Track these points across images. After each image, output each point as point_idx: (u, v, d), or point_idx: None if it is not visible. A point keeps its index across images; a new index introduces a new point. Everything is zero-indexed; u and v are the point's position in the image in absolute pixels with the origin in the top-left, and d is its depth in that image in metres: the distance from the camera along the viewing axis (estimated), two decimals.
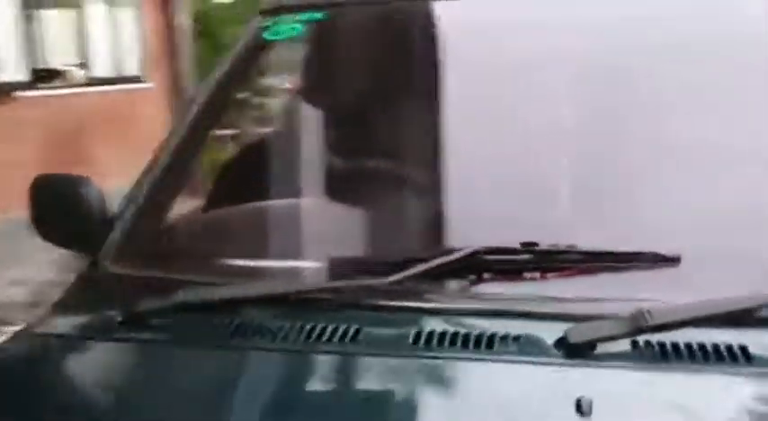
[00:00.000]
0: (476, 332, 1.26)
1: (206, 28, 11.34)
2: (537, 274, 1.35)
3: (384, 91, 1.80)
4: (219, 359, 1.32)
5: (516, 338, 1.24)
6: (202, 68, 10.85)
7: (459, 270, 1.35)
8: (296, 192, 1.65)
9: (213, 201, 1.92)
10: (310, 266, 1.48)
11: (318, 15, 1.99)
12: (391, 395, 1.20)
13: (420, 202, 1.54)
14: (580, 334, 1.20)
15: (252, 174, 1.75)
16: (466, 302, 1.34)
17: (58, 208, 1.74)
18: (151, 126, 8.83)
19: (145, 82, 8.73)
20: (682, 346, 1.20)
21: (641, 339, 1.21)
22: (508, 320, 1.29)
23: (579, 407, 1.09)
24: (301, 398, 1.23)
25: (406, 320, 1.31)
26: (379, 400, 1.20)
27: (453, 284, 1.36)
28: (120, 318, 1.40)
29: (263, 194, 1.68)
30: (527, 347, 1.23)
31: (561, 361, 1.20)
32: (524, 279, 1.36)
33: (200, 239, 1.65)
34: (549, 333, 1.24)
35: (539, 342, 1.24)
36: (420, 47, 1.87)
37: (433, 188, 1.54)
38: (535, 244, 1.35)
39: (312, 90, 1.95)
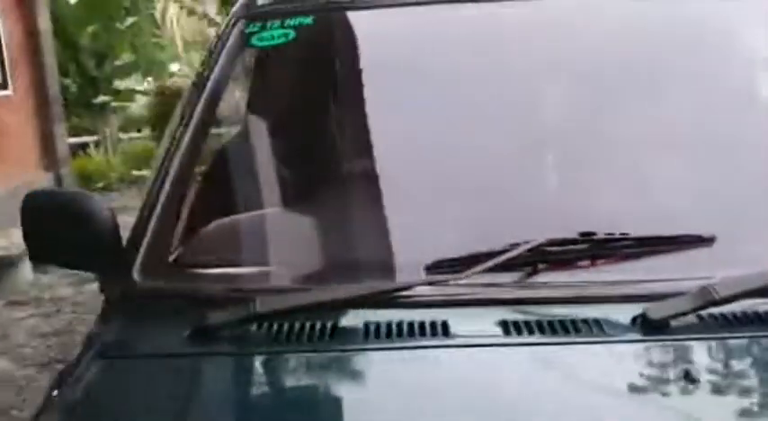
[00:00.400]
0: (558, 319, 1.35)
1: (62, 29, 10.83)
2: (597, 261, 1.46)
3: (395, 90, 1.83)
4: (314, 363, 1.34)
5: (596, 321, 1.33)
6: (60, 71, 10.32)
7: (525, 262, 1.44)
8: (340, 194, 1.66)
9: (221, 205, 1.86)
10: (374, 267, 1.51)
11: (308, 20, 2.00)
12: (497, 384, 1.26)
13: (468, 200, 1.61)
14: (658, 311, 1.31)
15: (283, 174, 1.74)
16: (539, 292, 1.42)
17: (62, 227, 1.67)
18: (15, 134, 8.37)
19: (6, 89, 8.25)
20: (741, 316, 1.34)
21: (705, 313, 1.34)
22: (581, 306, 1.38)
23: (688, 376, 1.20)
24: (403, 395, 1.27)
25: (489, 312, 1.38)
26: (486, 390, 1.26)
27: (523, 276, 1.44)
28: (186, 333, 1.39)
29: (306, 196, 1.68)
30: (609, 328, 1.33)
31: (643, 337, 1.31)
32: (585, 266, 1.46)
33: (247, 247, 1.64)
34: (621, 313, 1.35)
35: (617, 322, 1.34)
36: (416, 51, 1.91)
37: (477, 185, 1.62)
38: (593, 233, 1.46)
39: (316, 90, 1.94)
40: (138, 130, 12.31)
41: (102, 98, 11.63)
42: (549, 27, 1.87)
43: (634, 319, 1.33)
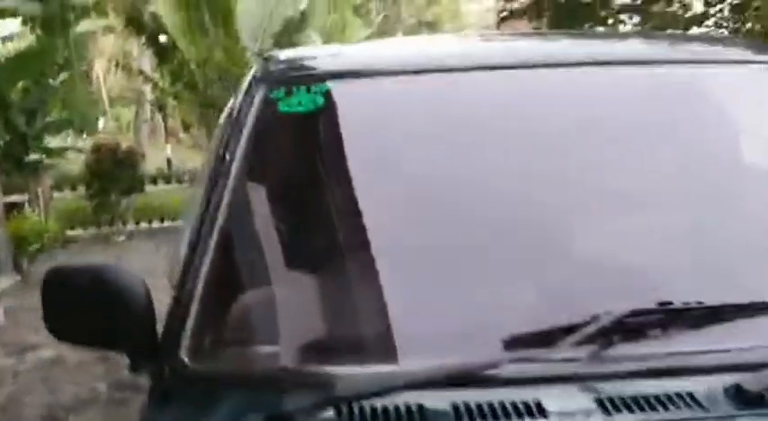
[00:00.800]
0: (653, 394, 1.32)
1: None
2: (676, 331, 1.44)
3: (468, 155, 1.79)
4: None
5: (691, 395, 1.31)
6: None
7: (607, 333, 1.41)
8: (406, 266, 1.58)
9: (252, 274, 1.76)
10: (453, 343, 1.45)
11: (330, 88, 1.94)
12: None
13: (540, 272, 1.58)
14: (754, 383, 1.30)
15: (326, 239, 1.68)
16: (626, 366, 1.38)
17: (92, 303, 1.57)
18: None
19: None
20: None
21: None
22: (671, 378, 1.36)
23: None
24: None
25: (580, 389, 1.34)
26: None
27: (606, 348, 1.40)
28: None
29: (370, 265, 1.60)
30: (706, 402, 1.30)
31: (742, 411, 1.29)
32: (664, 337, 1.43)
33: (310, 322, 1.54)
34: (712, 385, 1.33)
35: (712, 395, 1.32)
36: (450, 118, 1.88)
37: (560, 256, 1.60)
38: (670, 303, 1.44)
39: (359, 154, 1.88)
40: (73, 188, 11.94)
41: (33, 156, 11.27)
42: (579, 94, 1.89)
43: (726, 391, 1.31)
